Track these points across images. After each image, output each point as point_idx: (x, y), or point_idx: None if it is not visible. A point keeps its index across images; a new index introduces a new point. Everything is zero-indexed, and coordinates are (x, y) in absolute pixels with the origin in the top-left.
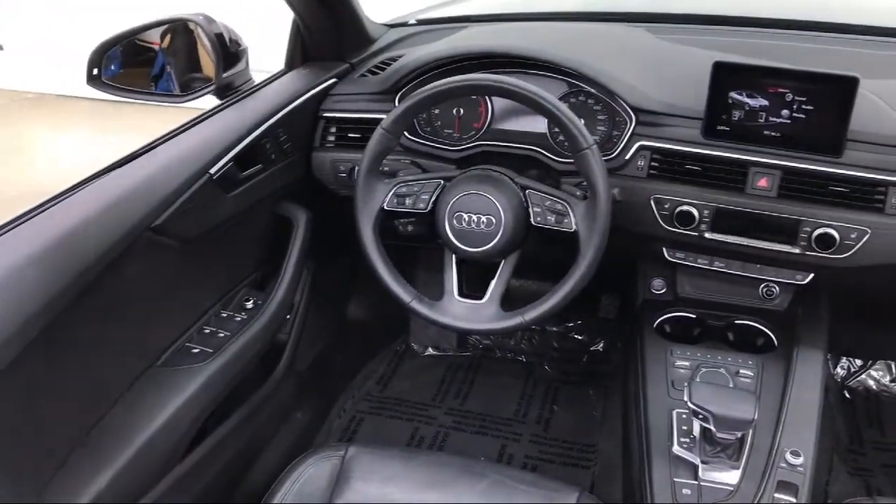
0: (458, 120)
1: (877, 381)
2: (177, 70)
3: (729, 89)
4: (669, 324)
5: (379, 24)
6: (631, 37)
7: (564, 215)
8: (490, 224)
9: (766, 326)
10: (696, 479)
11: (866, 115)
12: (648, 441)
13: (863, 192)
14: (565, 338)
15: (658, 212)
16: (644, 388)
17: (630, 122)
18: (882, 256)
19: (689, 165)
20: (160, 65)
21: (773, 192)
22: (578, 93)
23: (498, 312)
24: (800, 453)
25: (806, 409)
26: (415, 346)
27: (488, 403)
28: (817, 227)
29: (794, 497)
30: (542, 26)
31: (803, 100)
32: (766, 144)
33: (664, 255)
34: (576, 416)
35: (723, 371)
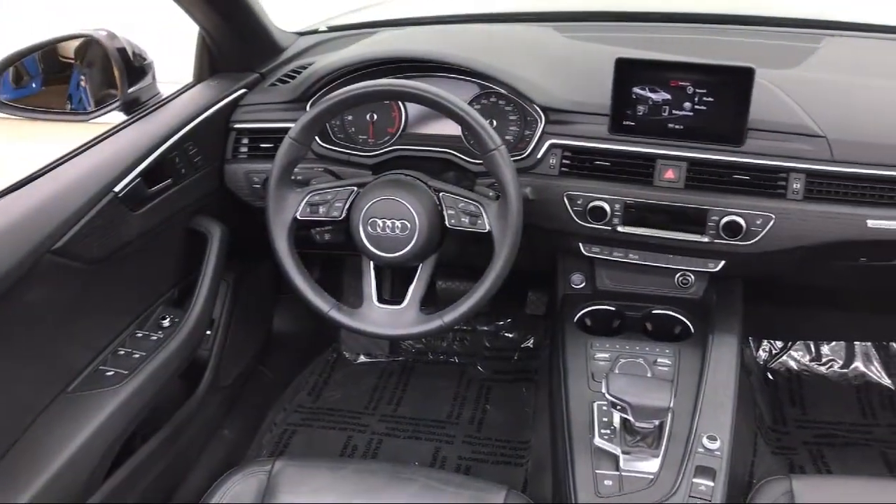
0: (373, 125)
1: (797, 362)
2: (92, 86)
3: (632, 85)
4: (590, 317)
5: (289, 33)
6: (539, 37)
7: (478, 216)
8: (405, 229)
9: (683, 315)
10: (618, 470)
11: (765, 104)
12: (570, 435)
13: (765, 180)
14: (496, 336)
15: (571, 208)
16: (565, 382)
17: (540, 121)
18: (787, 241)
19: (598, 161)
20: (76, 81)
21: (680, 184)
22: (489, 94)
23: (418, 316)
24: (716, 437)
25: (721, 393)
26: (346, 354)
27: (422, 407)
28: (724, 216)
29: (712, 481)
30: (453, 29)
31: (704, 92)
32: (670, 137)
33: (581, 250)
34: (509, 413)
35: (641, 361)
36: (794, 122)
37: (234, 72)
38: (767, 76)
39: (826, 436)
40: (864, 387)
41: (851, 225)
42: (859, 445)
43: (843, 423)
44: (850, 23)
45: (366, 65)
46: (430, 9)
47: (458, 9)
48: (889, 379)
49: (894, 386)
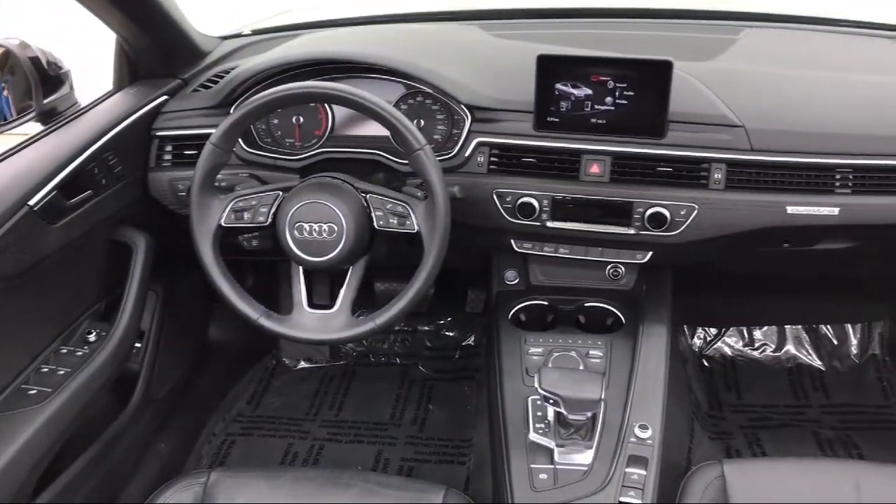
0: (299, 128)
1: (731, 347)
2: (13, 95)
3: (554, 81)
4: (524, 313)
5: (211, 37)
6: (464, 35)
7: (406, 217)
8: (332, 232)
9: (614, 306)
10: (553, 464)
11: (685, 97)
12: (506, 431)
13: (688, 171)
14: (437, 336)
15: (501, 205)
16: (500, 378)
17: (467, 120)
18: (710, 230)
19: (525, 158)
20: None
21: (605, 178)
22: (416, 94)
23: (349, 320)
24: (648, 426)
25: (652, 382)
26: (286, 360)
27: (364, 410)
28: (649, 208)
29: (644, 469)
30: (378, 30)
31: (624, 86)
32: (594, 132)
33: (513, 247)
34: (451, 412)
35: (574, 354)
36: (713, 113)
37: (155, 78)
38: (687, 69)
39: (761, 419)
40: (796, 369)
41: (772, 212)
42: (792, 427)
43: (777, 406)
44: (768, 14)
45: (289, 67)
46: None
47: (383, 9)
48: (819, 361)
49: (825, 367)
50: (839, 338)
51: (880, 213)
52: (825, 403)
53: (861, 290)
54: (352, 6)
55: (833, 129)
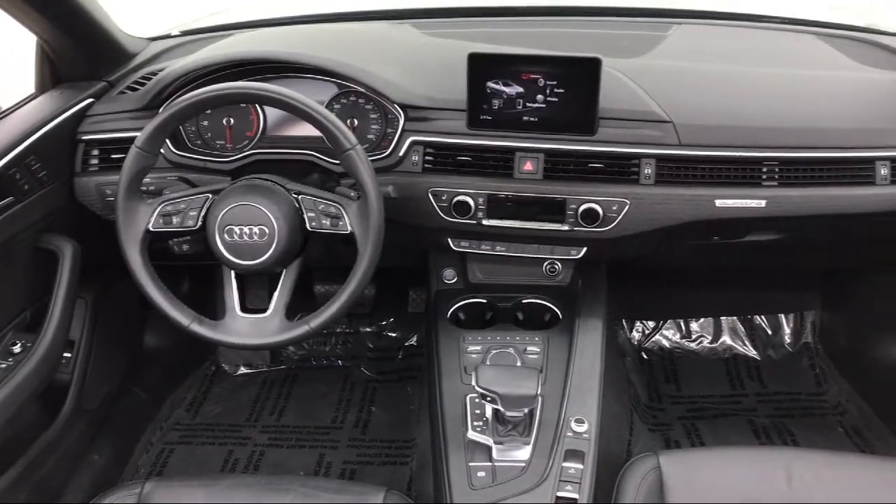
0: (230, 130)
1: (669, 340)
2: None
3: (486, 79)
4: (463, 311)
5: (138, 38)
6: (397, 34)
7: (339, 218)
8: (263, 235)
9: (552, 302)
10: (491, 461)
11: (615, 93)
12: (445, 430)
13: (619, 166)
14: (379, 337)
15: (437, 204)
16: (439, 378)
17: (401, 119)
18: (642, 224)
19: (460, 157)
20: None
21: (538, 175)
22: (349, 93)
23: (283, 324)
24: (584, 420)
25: (588, 376)
26: (225, 366)
27: (305, 414)
28: (582, 204)
29: (581, 463)
30: (311, 29)
31: (554, 84)
32: (527, 130)
33: (450, 245)
34: (394, 413)
35: (511, 351)
36: (642, 109)
37: (79, 81)
38: (617, 66)
39: (698, 409)
40: (732, 359)
41: (701, 205)
42: (729, 416)
43: (714, 396)
44: (697, 11)
45: (219, 68)
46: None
47: (315, 9)
48: (754, 350)
49: (760, 357)
50: (773, 327)
51: (805, 204)
52: (760, 392)
53: (793, 280)
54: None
55: (760, 122)
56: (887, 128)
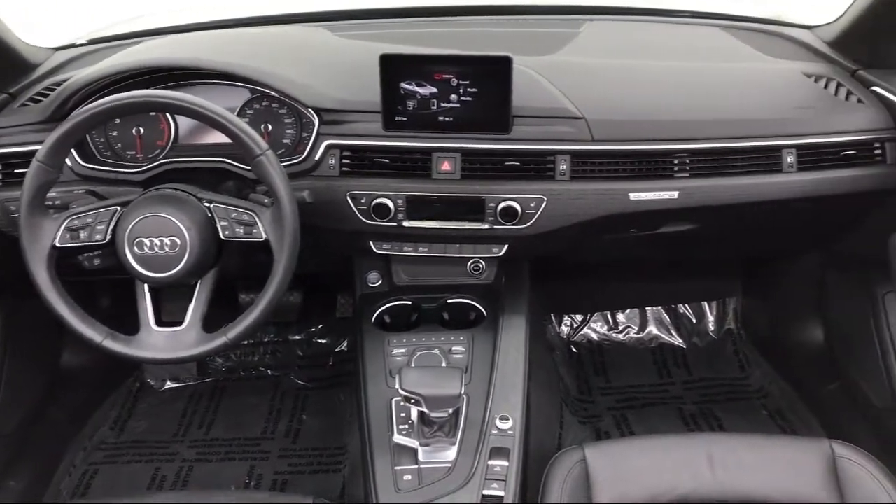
0: (140, 140)
1: (597, 332)
2: None
3: (399, 80)
4: (388, 314)
5: (41, 48)
6: (310, 37)
7: (253, 225)
8: (175, 246)
9: (476, 301)
10: (417, 464)
11: (528, 91)
12: (370, 434)
13: (535, 164)
14: (309, 344)
15: (356, 207)
16: (364, 382)
17: (315, 122)
18: (560, 220)
19: (377, 159)
20: None
21: (456, 175)
22: (262, 98)
23: (200, 336)
24: (508, 417)
25: (512, 373)
26: (151, 381)
27: (235, 426)
28: (500, 202)
29: (506, 460)
30: (222, 35)
31: (467, 83)
32: (442, 130)
33: (372, 249)
34: (326, 420)
35: (436, 352)
36: (555, 106)
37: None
38: (530, 63)
39: (628, 399)
40: (659, 349)
41: (616, 199)
42: (657, 405)
43: (643, 386)
44: (608, 7)
45: (126, 76)
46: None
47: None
48: (680, 339)
49: (685, 345)
50: (697, 315)
51: (715, 193)
52: (687, 379)
53: (714, 268)
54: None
55: (670, 115)
56: (792, 117)
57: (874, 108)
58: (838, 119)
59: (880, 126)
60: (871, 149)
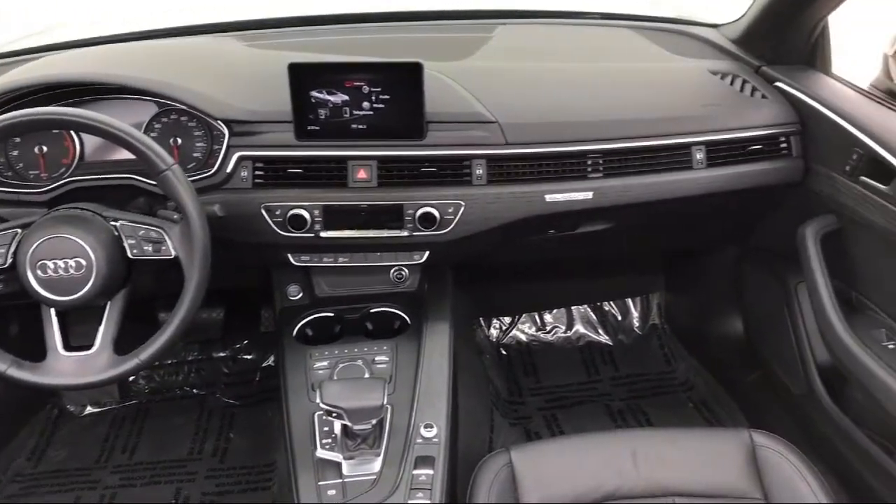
0: (43, 158)
1: (526, 334)
2: None
3: (309, 89)
4: (310, 327)
5: None
6: (219, 48)
7: (161, 242)
8: (80, 267)
9: (400, 309)
10: (341, 477)
11: (442, 97)
12: (293, 450)
13: (451, 169)
14: (234, 360)
15: (271, 219)
16: (286, 398)
17: (225, 134)
18: (479, 224)
19: (291, 169)
20: None
21: (373, 182)
22: (169, 112)
23: (112, 359)
24: (433, 425)
25: (436, 380)
26: (70, 407)
27: (160, 449)
28: (419, 209)
29: (432, 469)
30: (131, 47)
31: (379, 90)
32: (356, 138)
33: (291, 261)
34: (254, 438)
35: (360, 363)
36: (468, 111)
37: None
38: (443, 69)
39: (557, 399)
40: (587, 347)
41: (532, 202)
42: (586, 403)
43: (572, 385)
44: (520, 11)
45: (27, 92)
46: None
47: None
48: (606, 336)
49: (612, 342)
50: (622, 312)
51: (629, 192)
52: (614, 376)
53: (637, 265)
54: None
55: (582, 117)
56: (700, 114)
57: (778, 103)
58: (744, 115)
59: (784, 121)
60: (777, 143)
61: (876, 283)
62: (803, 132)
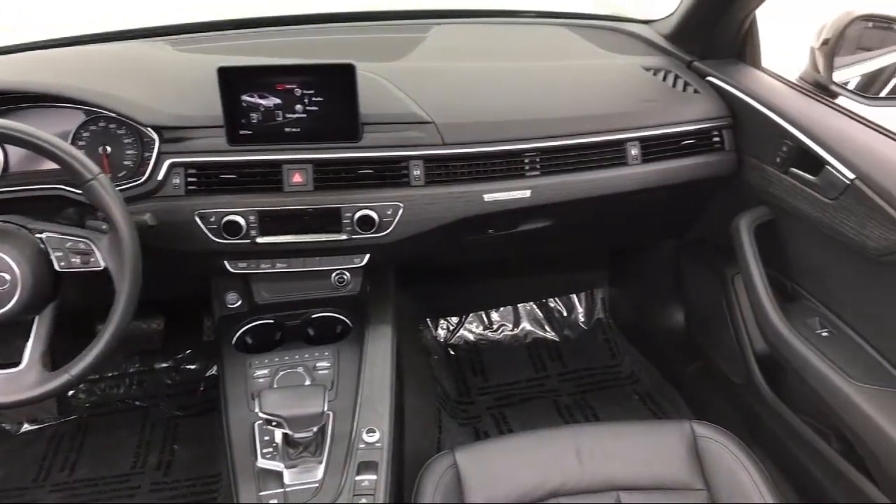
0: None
1: (473, 333)
2: None
3: (240, 93)
4: (250, 335)
5: None
6: (149, 53)
7: (90, 254)
8: (4, 283)
9: (342, 313)
10: (283, 487)
11: (377, 98)
12: (233, 461)
13: (388, 170)
14: (177, 370)
15: (205, 227)
16: (226, 408)
17: (156, 141)
18: (418, 225)
19: (224, 175)
20: None
21: (309, 186)
22: (98, 120)
23: (41, 376)
24: (375, 430)
25: (378, 384)
26: (5, 425)
27: (102, 464)
28: (357, 211)
29: (375, 474)
30: (58, 54)
31: (311, 93)
32: (290, 141)
33: (227, 268)
34: (199, 449)
35: (300, 370)
36: (404, 112)
37: None
38: (377, 70)
39: (505, 397)
40: (534, 343)
41: (471, 201)
42: (535, 399)
43: (520, 382)
44: (455, 10)
45: None
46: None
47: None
48: (553, 332)
49: (558, 338)
50: (567, 308)
51: (566, 190)
52: (562, 371)
53: (581, 261)
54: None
55: (518, 116)
56: (634, 110)
57: (710, 97)
58: (677, 110)
59: (716, 115)
60: (710, 137)
61: (808, 272)
62: (735, 125)
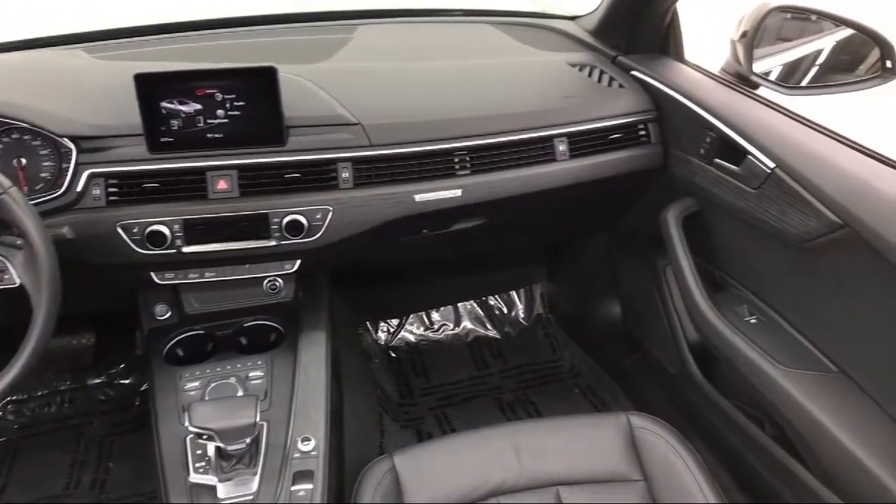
0: None
1: (414, 334)
2: None
3: (159, 99)
4: (180, 346)
5: None
6: (64, 61)
7: (4, 271)
8: None
9: (275, 321)
10: (216, 501)
11: (301, 101)
12: (165, 477)
13: (316, 174)
14: (111, 386)
15: (128, 238)
16: (157, 422)
17: (73, 152)
18: (349, 228)
19: (147, 184)
20: None
21: (234, 192)
22: (11, 131)
23: None
24: (310, 438)
25: (313, 391)
26: None
27: (33, 487)
28: (285, 216)
29: (311, 483)
30: None
31: (233, 97)
32: (213, 147)
33: (154, 280)
34: (135, 465)
35: (233, 381)
36: (330, 113)
37: None
38: (301, 72)
39: (448, 397)
40: (475, 342)
41: (402, 202)
42: (477, 398)
43: (462, 381)
44: (381, 10)
45: None
46: None
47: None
48: (494, 330)
49: (499, 335)
50: (507, 305)
51: (497, 187)
52: (504, 368)
53: (519, 257)
54: None
55: (446, 115)
56: (561, 106)
57: (634, 91)
58: (603, 105)
59: (641, 108)
60: (636, 131)
61: (735, 261)
62: (660, 119)
